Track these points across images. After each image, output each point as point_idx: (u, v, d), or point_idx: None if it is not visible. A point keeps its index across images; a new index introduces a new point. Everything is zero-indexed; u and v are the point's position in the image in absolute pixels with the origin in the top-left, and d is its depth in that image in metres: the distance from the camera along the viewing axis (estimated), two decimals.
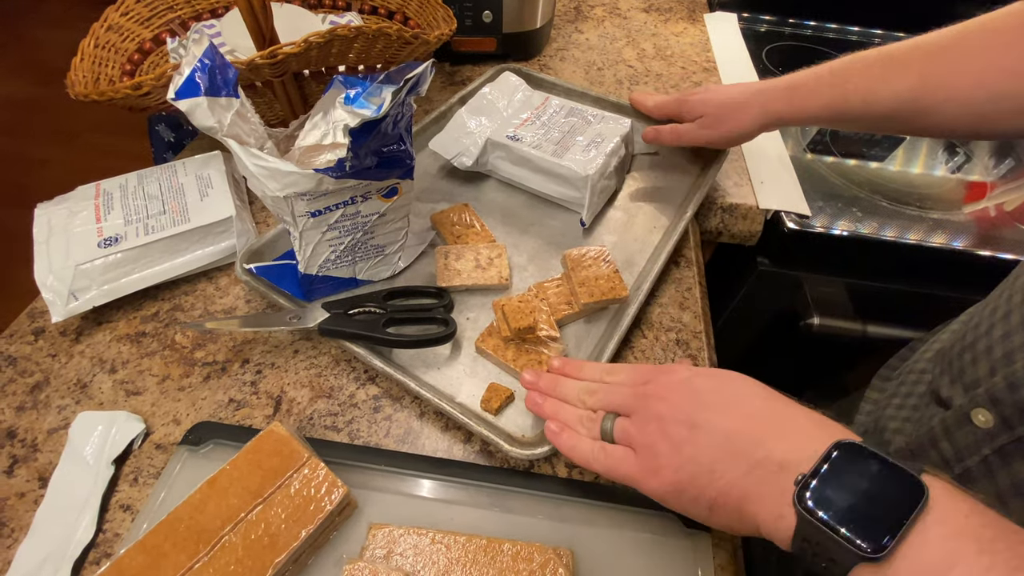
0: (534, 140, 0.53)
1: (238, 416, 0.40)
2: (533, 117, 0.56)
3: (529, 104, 0.59)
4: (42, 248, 0.44)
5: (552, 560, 0.31)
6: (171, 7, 0.63)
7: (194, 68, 0.33)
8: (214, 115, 0.34)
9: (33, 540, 0.34)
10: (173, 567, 0.29)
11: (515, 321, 0.40)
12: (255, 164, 0.35)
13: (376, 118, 0.33)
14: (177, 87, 0.33)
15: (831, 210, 0.61)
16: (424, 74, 0.35)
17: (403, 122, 0.37)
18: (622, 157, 0.55)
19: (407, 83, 0.34)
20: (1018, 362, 0.31)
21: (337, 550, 0.33)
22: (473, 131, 0.55)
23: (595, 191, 0.51)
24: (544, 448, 0.36)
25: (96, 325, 0.45)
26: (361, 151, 0.35)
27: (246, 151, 0.35)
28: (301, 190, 0.36)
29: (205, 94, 0.33)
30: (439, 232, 0.51)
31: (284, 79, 0.52)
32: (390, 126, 0.35)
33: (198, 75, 0.33)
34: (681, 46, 0.85)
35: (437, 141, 0.56)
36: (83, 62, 0.54)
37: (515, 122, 0.56)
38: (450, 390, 0.41)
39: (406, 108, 0.36)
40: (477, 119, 0.56)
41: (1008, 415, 0.32)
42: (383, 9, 0.70)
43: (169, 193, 0.48)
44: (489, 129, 0.55)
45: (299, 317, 0.41)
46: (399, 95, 0.34)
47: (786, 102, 0.48)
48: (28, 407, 0.41)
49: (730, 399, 0.29)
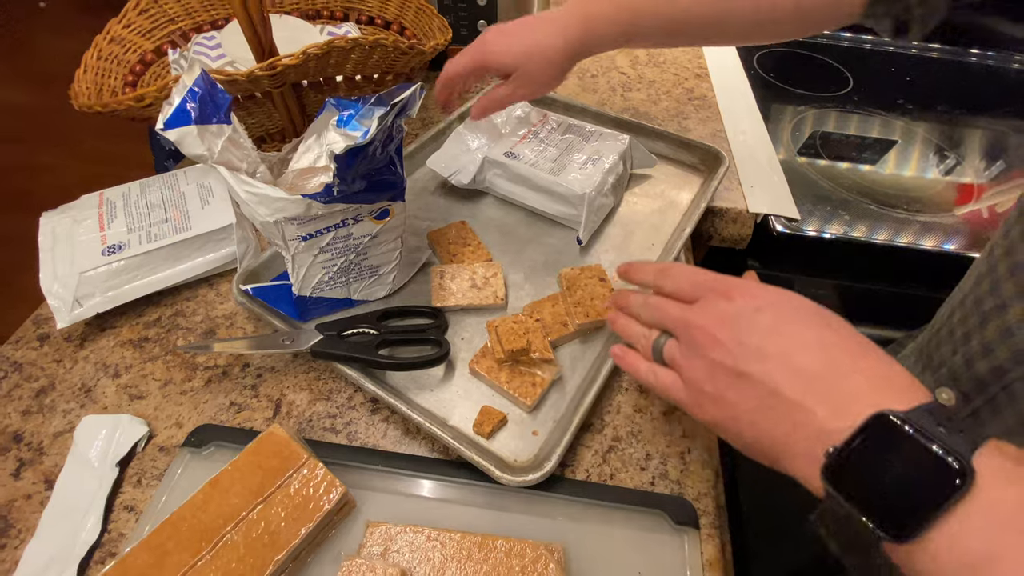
0: (531, 158, 0.54)
1: (239, 419, 0.41)
2: (531, 134, 0.57)
3: (527, 121, 0.59)
4: (47, 256, 0.45)
5: (544, 555, 0.32)
6: (172, 19, 0.64)
7: (184, 97, 0.34)
8: (204, 143, 0.34)
9: (40, 540, 0.35)
10: (177, 565, 0.30)
11: (508, 343, 0.40)
12: (245, 190, 0.35)
13: (362, 144, 0.34)
14: (166, 117, 0.33)
15: (820, 213, 0.62)
16: (413, 97, 0.36)
17: (392, 145, 0.37)
18: (619, 174, 0.56)
19: (394, 107, 0.35)
20: (973, 340, 0.33)
21: (336, 547, 0.34)
22: (471, 148, 0.56)
23: (592, 208, 0.51)
24: (536, 475, 0.35)
25: (100, 331, 0.46)
26: (348, 176, 0.35)
27: (236, 177, 0.35)
28: (290, 215, 0.37)
29: (196, 122, 0.34)
30: (435, 250, 0.52)
31: (283, 89, 0.53)
32: (378, 150, 0.36)
33: (189, 104, 0.34)
34: (673, 52, 0.87)
35: (435, 159, 0.57)
36: (86, 73, 0.55)
37: (513, 139, 0.57)
38: (443, 412, 0.41)
39: (395, 131, 0.37)
40: (475, 136, 0.57)
41: (967, 390, 0.34)
42: (380, 19, 0.71)
43: (171, 201, 0.49)
44: (487, 147, 0.56)
45: (293, 339, 0.41)
46: (385, 120, 0.35)
47: (583, 30, 0.47)
48: (34, 411, 0.42)
49: (783, 346, 0.26)
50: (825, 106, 0.82)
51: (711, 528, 0.37)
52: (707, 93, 0.78)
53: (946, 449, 0.21)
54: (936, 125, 0.79)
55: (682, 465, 0.40)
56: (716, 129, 0.71)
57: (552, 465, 0.36)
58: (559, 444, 0.37)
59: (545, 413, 0.41)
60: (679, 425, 0.42)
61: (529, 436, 0.40)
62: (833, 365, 0.25)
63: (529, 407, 0.40)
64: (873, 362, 0.25)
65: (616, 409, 0.42)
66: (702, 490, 0.38)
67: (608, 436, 0.41)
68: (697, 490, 0.38)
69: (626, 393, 0.43)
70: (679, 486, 0.38)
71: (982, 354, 0.32)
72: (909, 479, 0.21)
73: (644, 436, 0.41)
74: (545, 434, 0.40)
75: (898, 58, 0.95)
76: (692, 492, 0.38)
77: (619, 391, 0.44)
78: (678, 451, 0.40)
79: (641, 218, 0.57)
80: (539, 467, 0.36)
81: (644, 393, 0.43)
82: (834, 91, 0.85)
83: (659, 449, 0.40)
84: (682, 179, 0.61)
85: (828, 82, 0.87)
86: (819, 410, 0.24)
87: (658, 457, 0.40)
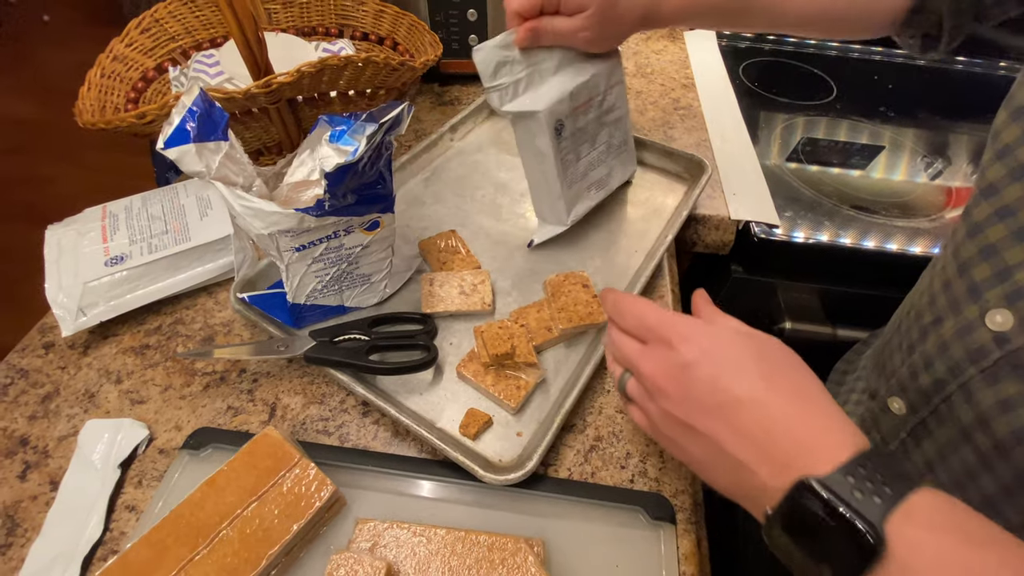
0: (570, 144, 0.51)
1: (235, 422, 0.43)
2: (593, 102, 0.52)
3: (604, 77, 0.52)
4: (53, 267, 0.47)
5: (523, 548, 0.33)
6: (173, 37, 0.66)
7: (183, 117, 0.36)
8: (202, 160, 0.36)
9: (44, 539, 0.37)
10: (175, 559, 0.32)
11: (493, 347, 0.42)
12: (241, 204, 0.37)
13: (351, 161, 0.36)
14: (166, 137, 0.35)
15: (801, 219, 0.64)
16: (401, 116, 0.38)
17: (381, 161, 0.39)
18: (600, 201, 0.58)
19: (382, 126, 0.37)
20: (916, 353, 0.35)
21: (326, 543, 0.35)
22: (541, 71, 0.48)
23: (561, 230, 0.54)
24: (518, 473, 0.37)
25: (102, 339, 0.48)
26: (339, 191, 0.37)
27: (232, 192, 0.37)
28: (284, 228, 0.39)
29: (194, 140, 0.35)
30: (426, 258, 0.53)
31: (279, 105, 0.55)
32: (368, 166, 0.38)
33: (188, 123, 0.35)
34: (661, 64, 0.89)
35: (488, 55, 0.46)
36: (90, 91, 0.57)
37: (580, 99, 0.50)
38: (431, 415, 0.42)
39: (384, 148, 0.39)
40: (549, 57, 0.48)
41: (913, 400, 0.35)
42: (374, 35, 0.74)
43: (171, 213, 0.51)
44: (556, 85, 0.48)
45: (287, 345, 0.43)
46: (374, 138, 0.37)
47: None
48: (40, 416, 0.43)
49: (722, 402, 0.27)
50: (809, 114, 0.84)
51: (687, 524, 0.38)
52: (693, 103, 0.80)
53: (860, 516, 0.21)
54: (919, 131, 0.81)
55: (661, 463, 0.41)
56: (701, 138, 0.73)
57: (534, 464, 0.38)
58: (541, 444, 0.39)
59: (529, 415, 0.43)
60: None
61: (513, 437, 0.41)
62: (769, 425, 0.26)
63: (514, 409, 0.42)
64: (810, 416, 0.26)
65: (598, 410, 0.44)
66: (679, 487, 0.40)
67: (590, 436, 0.42)
68: (675, 487, 0.40)
69: (608, 395, 0.45)
70: (657, 483, 0.40)
71: (924, 367, 0.34)
72: (831, 544, 0.22)
73: (624, 436, 0.43)
74: (529, 435, 0.41)
75: (881, 66, 0.97)
76: (670, 489, 0.40)
77: (601, 393, 0.45)
78: (657, 450, 0.42)
79: (626, 225, 0.59)
80: (521, 466, 0.38)
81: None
82: (818, 99, 0.87)
83: (639, 448, 0.42)
84: (667, 187, 0.63)
85: (812, 90, 0.89)
86: (760, 470, 0.25)
87: (638, 456, 0.42)
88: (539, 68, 0.49)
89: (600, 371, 0.46)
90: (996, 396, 0.29)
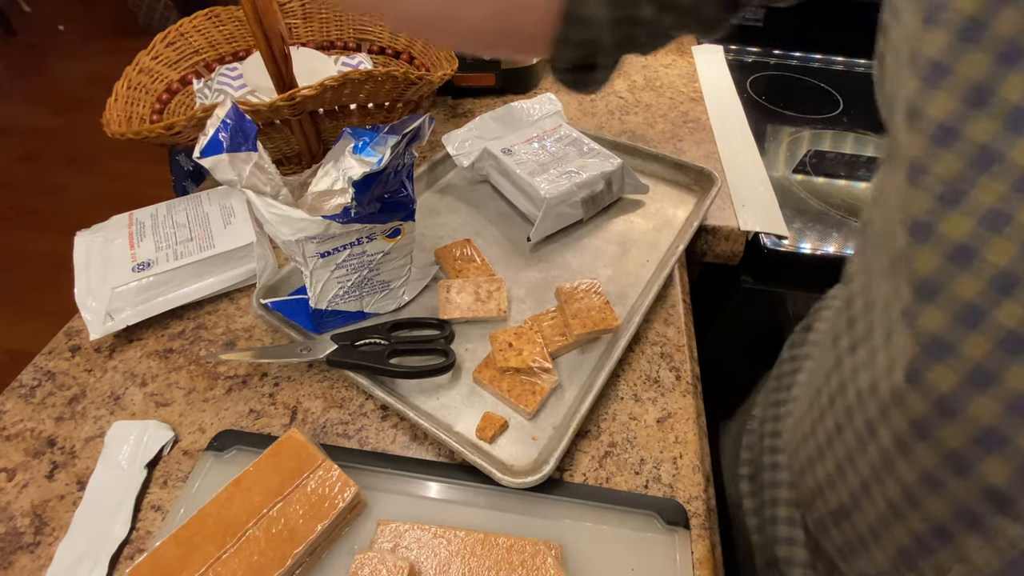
0: (523, 158, 0.59)
1: (257, 425, 0.44)
2: (536, 139, 0.62)
3: (541, 126, 0.64)
4: (82, 273, 0.48)
5: (542, 550, 0.34)
6: (197, 51, 0.68)
7: (217, 128, 0.38)
8: (234, 169, 0.38)
9: (72, 538, 0.38)
10: (203, 557, 0.33)
11: (504, 362, 0.43)
12: (270, 212, 0.39)
13: (378, 170, 0.38)
14: (202, 147, 0.37)
15: (809, 230, 0.65)
16: (423, 127, 0.40)
17: (404, 170, 0.41)
18: (596, 192, 0.58)
19: (405, 136, 0.39)
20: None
21: (349, 543, 0.36)
22: (484, 138, 0.62)
23: (550, 214, 0.55)
24: (535, 477, 0.38)
25: (128, 343, 0.49)
26: (364, 199, 0.39)
27: (262, 200, 0.39)
28: (311, 234, 0.40)
29: (227, 150, 0.37)
30: (443, 266, 0.55)
31: (301, 117, 0.57)
32: (391, 175, 0.39)
33: (221, 134, 0.37)
34: (670, 77, 0.91)
35: (450, 137, 0.62)
36: (117, 102, 0.59)
37: (519, 139, 0.62)
38: (448, 419, 0.43)
39: (407, 158, 0.41)
40: (493, 128, 0.63)
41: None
42: (391, 49, 0.76)
43: (195, 221, 0.53)
44: (495, 140, 0.61)
45: (309, 349, 0.44)
46: (398, 148, 0.38)
47: None
48: (67, 417, 0.44)
49: None
50: (816, 127, 0.85)
51: (701, 529, 0.39)
52: (701, 116, 0.81)
53: None
54: None
55: (674, 470, 0.42)
56: (710, 151, 0.74)
57: (550, 468, 0.38)
58: (557, 448, 0.39)
59: (544, 419, 0.44)
60: (672, 432, 0.44)
61: (529, 441, 0.42)
62: None
63: (529, 414, 0.43)
64: None
65: (612, 416, 0.45)
66: (693, 493, 0.41)
67: (604, 442, 0.43)
68: (688, 493, 0.41)
69: (622, 402, 0.46)
70: (671, 489, 0.41)
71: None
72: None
73: (638, 442, 0.43)
74: (544, 439, 0.42)
75: None
76: (683, 495, 0.40)
77: (615, 399, 0.46)
78: (671, 456, 0.43)
79: (637, 235, 0.60)
80: (538, 470, 0.38)
81: (639, 402, 0.46)
82: (825, 113, 0.89)
83: (652, 455, 0.43)
84: (677, 199, 0.64)
85: (819, 104, 0.91)
86: None
87: (651, 462, 0.42)
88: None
89: (614, 378, 0.47)
90: None
